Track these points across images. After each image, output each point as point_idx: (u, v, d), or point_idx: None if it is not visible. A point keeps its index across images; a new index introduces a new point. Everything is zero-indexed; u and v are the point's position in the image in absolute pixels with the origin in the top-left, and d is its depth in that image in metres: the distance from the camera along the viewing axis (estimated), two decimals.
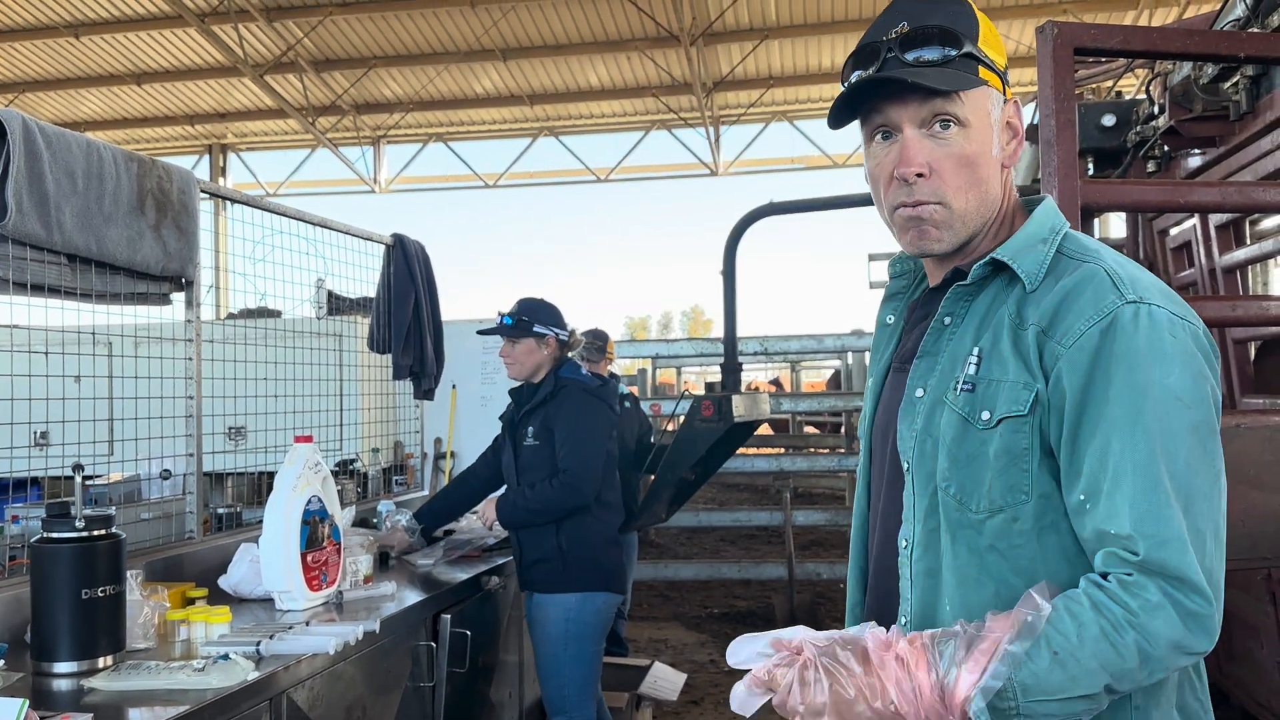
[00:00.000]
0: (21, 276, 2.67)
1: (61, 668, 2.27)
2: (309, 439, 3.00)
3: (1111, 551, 1.18)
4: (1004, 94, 1.34)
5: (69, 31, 12.71)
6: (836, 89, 14.95)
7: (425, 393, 4.68)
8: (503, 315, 3.71)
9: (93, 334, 3.01)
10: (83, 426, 2.99)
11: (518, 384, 3.78)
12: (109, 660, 2.31)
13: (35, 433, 2.86)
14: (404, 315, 4.44)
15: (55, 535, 2.30)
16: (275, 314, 4.45)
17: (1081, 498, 1.21)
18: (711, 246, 31.01)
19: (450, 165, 17.08)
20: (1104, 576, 1.19)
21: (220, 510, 3.63)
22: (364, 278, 4.52)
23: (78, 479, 2.39)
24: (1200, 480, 1.18)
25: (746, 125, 16.17)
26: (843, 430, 11.72)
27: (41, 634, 2.29)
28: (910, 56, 1.31)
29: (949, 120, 1.31)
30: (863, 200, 5.42)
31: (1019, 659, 1.13)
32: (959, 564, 1.31)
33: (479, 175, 17.08)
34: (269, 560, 2.87)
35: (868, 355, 9.88)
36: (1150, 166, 4.28)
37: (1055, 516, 1.25)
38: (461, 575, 3.53)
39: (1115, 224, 9.51)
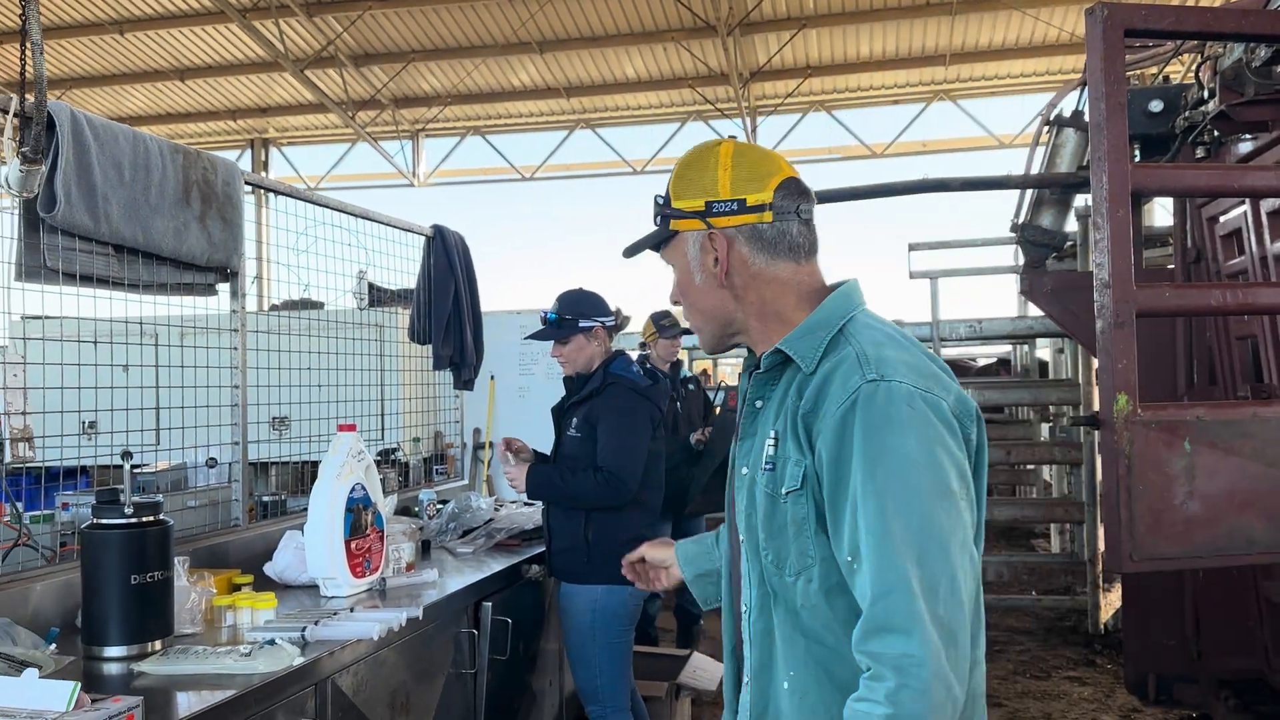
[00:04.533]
0: (70, 267, 2.71)
1: (112, 652, 2.30)
2: (352, 428, 3.01)
3: (859, 622, 1.36)
4: (707, 225, 1.58)
5: (114, 28, 12.88)
6: (876, 78, 14.66)
7: (465, 383, 4.70)
8: (546, 314, 3.62)
9: (140, 324, 3.05)
10: (130, 415, 3.03)
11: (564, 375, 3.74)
12: (158, 645, 2.34)
13: (84, 422, 2.90)
14: (444, 306, 4.46)
15: (105, 521, 2.34)
16: (318, 305, 4.49)
17: (849, 559, 1.38)
18: None
19: (488, 158, 17.12)
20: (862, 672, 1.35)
21: (265, 498, 3.67)
22: (404, 269, 4.55)
23: (126, 466, 2.42)
24: (933, 536, 1.33)
25: (784, 115, 16.04)
26: None
27: (92, 619, 2.33)
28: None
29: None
30: (905, 189, 5.37)
31: None
32: (780, 622, 1.51)
33: (516, 168, 17.11)
34: (314, 547, 2.89)
35: None
36: (1199, 153, 4.19)
37: (839, 578, 1.43)
38: (502, 563, 3.54)
39: (1160, 214, 9.33)
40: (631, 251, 1.75)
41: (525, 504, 4.25)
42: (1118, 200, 2.36)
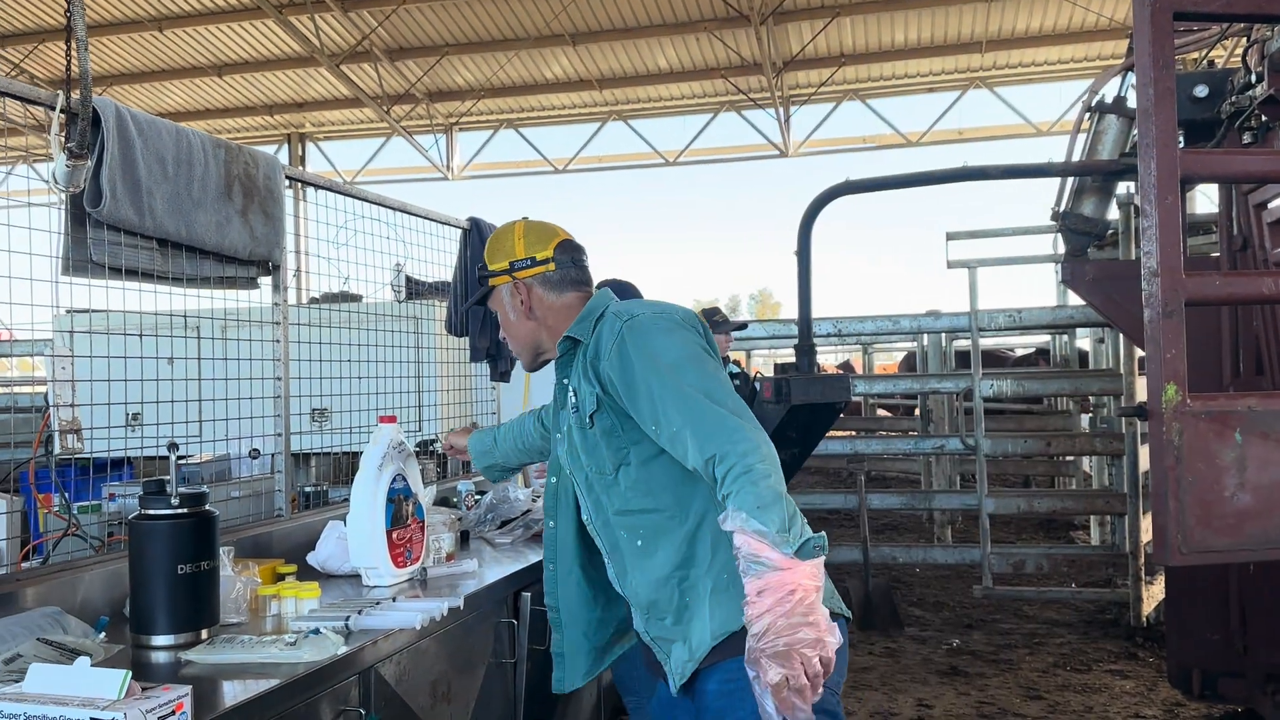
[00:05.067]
0: (115, 261, 2.74)
1: (159, 640, 2.32)
2: (393, 419, 3.03)
3: (689, 447, 1.94)
4: (513, 277, 2.34)
5: (154, 25, 13.05)
6: (911, 66, 14.49)
7: (501, 375, 4.71)
8: None
9: (184, 317, 3.08)
10: (174, 408, 3.06)
11: None
12: (204, 634, 2.36)
13: (129, 414, 2.93)
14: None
15: (152, 512, 2.36)
16: (356, 298, 4.51)
17: (654, 427, 2.02)
18: (780, 229, 30.65)
19: (521, 151, 17.16)
20: (709, 465, 1.91)
21: (307, 489, 3.70)
22: (441, 261, 4.56)
23: (172, 457, 2.44)
24: (707, 381, 1.99)
25: (817, 105, 15.93)
26: (917, 412, 11.54)
27: (140, 608, 2.35)
28: None
29: None
30: (943, 177, 5.31)
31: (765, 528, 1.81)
32: (613, 502, 2.18)
33: (549, 161, 17.14)
34: (356, 537, 2.91)
35: (944, 337, 9.67)
36: (1246, 138, 4.11)
37: (651, 450, 2.10)
38: (540, 554, 3.53)
39: (1201, 202, 9.15)
40: (466, 309, 2.50)
41: None
42: (1166, 187, 2.31)
